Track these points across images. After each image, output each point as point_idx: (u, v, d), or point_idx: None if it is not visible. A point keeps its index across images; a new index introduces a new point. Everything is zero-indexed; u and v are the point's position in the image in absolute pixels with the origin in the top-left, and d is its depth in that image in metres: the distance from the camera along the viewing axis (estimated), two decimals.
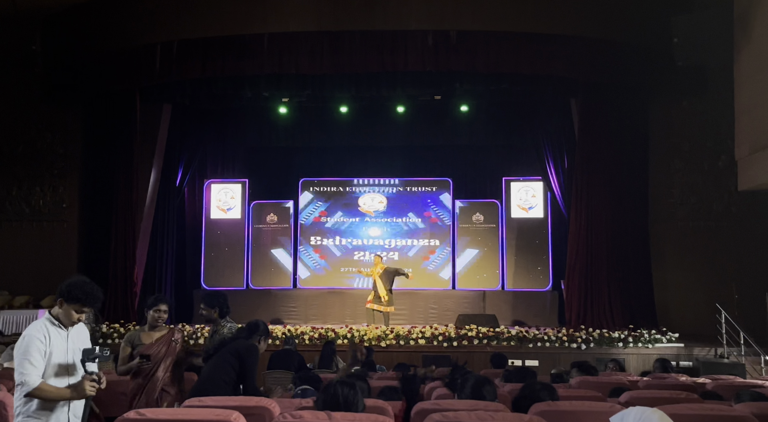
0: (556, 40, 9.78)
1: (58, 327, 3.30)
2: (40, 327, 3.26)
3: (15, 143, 11.57)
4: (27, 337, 3.21)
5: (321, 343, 8.81)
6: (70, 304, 3.28)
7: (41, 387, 3.15)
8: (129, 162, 10.95)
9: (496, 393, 3.54)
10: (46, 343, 3.22)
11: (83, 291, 3.28)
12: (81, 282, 3.32)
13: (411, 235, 13.06)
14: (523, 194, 12.91)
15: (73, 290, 3.27)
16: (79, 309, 3.31)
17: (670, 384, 5.17)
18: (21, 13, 9.94)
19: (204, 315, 5.19)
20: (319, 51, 9.80)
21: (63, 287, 3.29)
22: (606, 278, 10.65)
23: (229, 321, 5.13)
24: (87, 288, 3.30)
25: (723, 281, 10.58)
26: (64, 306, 3.29)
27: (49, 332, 3.26)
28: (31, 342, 3.20)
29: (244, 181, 13.33)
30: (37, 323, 3.30)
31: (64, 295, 3.28)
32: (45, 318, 3.33)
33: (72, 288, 3.27)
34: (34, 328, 3.27)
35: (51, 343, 3.24)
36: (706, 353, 9.48)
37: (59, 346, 3.28)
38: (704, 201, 11.22)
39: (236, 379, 4.20)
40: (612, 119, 10.86)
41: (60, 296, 3.30)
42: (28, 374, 3.14)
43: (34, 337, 3.21)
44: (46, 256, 11.45)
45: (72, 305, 3.28)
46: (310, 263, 13.05)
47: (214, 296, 5.10)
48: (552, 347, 9.51)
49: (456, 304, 12.30)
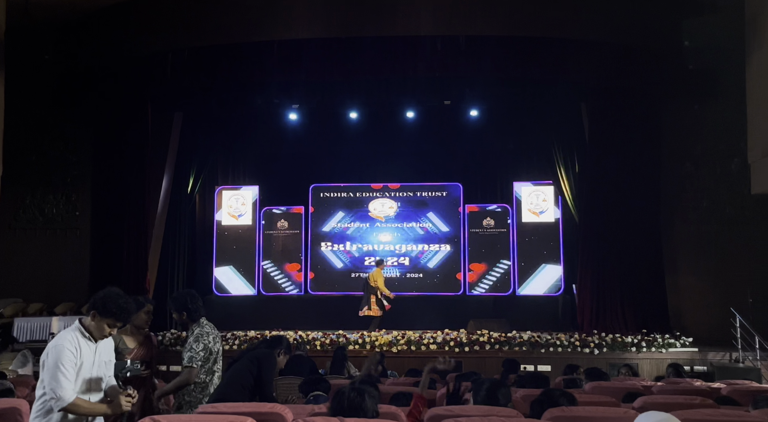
0: (566, 44, 9.77)
1: (88, 339, 3.22)
2: (72, 339, 3.17)
3: (28, 152, 11.68)
4: (58, 348, 3.11)
5: (332, 349, 8.81)
6: (103, 318, 3.20)
7: (76, 402, 3.06)
8: (141, 169, 11.02)
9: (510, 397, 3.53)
10: (77, 355, 3.14)
11: (118, 306, 3.21)
12: (116, 296, 3.23)
13: (421, 240, 13.05)
14: (534, 199, 12.88)
15: (108, 304, 3.19)
16: (113, 324, 3.23)
17: (684, 389, 5.13)
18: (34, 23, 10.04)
19: (176, 319, 4.50)
20: (328, 58, 9.84)
21: (97, 301, 3.21)
22: (618, 282, 10.58)
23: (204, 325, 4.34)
24: (121, 302, 3.22)
25: (737, 285, 10.49)
26: (97, 319, 3.21)
27: (80, 344, 3.17)
28: (63, 354, 3.10)
29: (255, 187, 13.38)
30: (68, 333, 3.21)
31: (99, 309, 3.20)
32: (75, 328, 3.24)
33: (107, 302, 3.19)
34: (65, 339, 3.17)
35: (81, 355, 3.16)
36: (721, 357, 9.39)
37: (88, 359, 3.20)
38: (717, 205, 11.14)
39: (254, 386, 4.20)
40: (623, 123, 10.81)
41: (93, 308, 3.22)
42: (63, 388, 3.04)
43: (66, 349, 3.11)
44: (59, 263, 11.54)
45: (105, 320, 3.20)
46: (321, 268, 13.06)
47: (177, 298, 4.36)
48: (564, 352, 9.46)
49: (467, 309, 12.26)
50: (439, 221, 13.07)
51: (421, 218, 13.11)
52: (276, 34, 9.82)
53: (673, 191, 11.23)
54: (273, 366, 4.35)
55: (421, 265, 12.94)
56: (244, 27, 9.91)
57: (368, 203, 13.21)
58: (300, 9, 9.84)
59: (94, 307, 3.22)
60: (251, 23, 9.87)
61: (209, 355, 4.26)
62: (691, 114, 11.15)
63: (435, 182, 13.23)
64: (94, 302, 3.22)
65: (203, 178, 12.89)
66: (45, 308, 10.98)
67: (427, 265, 12.95)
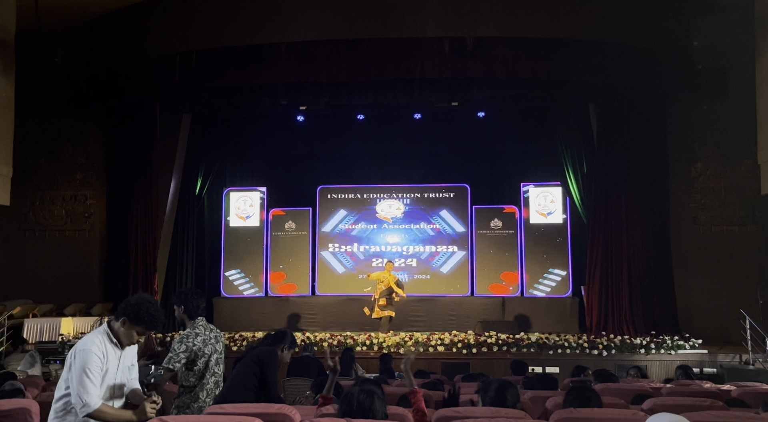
0: (574, 44, 9.74)
1: (115, 345, 3.16)
2: (100, 343, 3.10)
3: (38, 154, 11.76)
4: (86, 352, 3.05)
5: (340, 350, 8.81)
6: (134, 325, 3.14)
7: (102, 408, 3.01)
8: (149, 171, 11.07)
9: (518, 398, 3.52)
10: (104, 361, 3.08)
11: (150, 314, 3.14)
12: (147, 303, 3.16)
13: (428, 241, 13.04)
14: (541, 200, 12.84)
15: (140, 312, 3.12)
16: (143, 331, 3.18)
17: (694, 391, 5.10)
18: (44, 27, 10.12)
19: (177, 317, 4.33)
20: (336, 59, 9.86)
21: (129, 308, 3.14)
22: (627, 283, 10.53)
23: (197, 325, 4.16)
24: (153, 311, 3.16)
25: (747, 286, 10.41)
26: (127, 326, 3.14)
27: (107, 349, 3.11)
28: (91, 359, 3.03)
29: (262, 189, 13.41)
30: (95, 337, 3.14)
31: (130, 316, 3.12)
32: (103, 332, 3.17)
33: (139, 310, 3.12)
34: (92, 343, 3.10)
35: (107, 361, 3.10)
36: (731, 359, 9.33)
37: (113, 365, 3.14)
38: (726, 205, 11.08)
39: (258, 386, 4.15)
40: (631, 124, 10.76)
41: (125, 315, 3.14)
42: (90, 394, 2.98)
43: (93, 353, 3.05)
44: (69, 265, 11.61)
45: (136, 327, 3.14)
46: (328, 270, 13.08)
47: (181, 293, 4.26)
48: (573, 353, 9.42)
49: (475, 311, 12.23)
50: (446, 222, 13.05)
51: (429, 219, 13.09)
52: (284, 37, 9.86)
53: (682, 191, 11.17)
54: (275, 364, 4.27)
55: (429, 266, 12.93)
56: (252, 29, 9.95)
57: (375, 204, 13.22)
58: (308, 11, 9.87)
59: (126, 314, 3.14)
60: (259, 25, 9.91)
61: (194, 357, 4.07)
62: (700, 114, 11.08)
63: (442, 183, 13.22)
64: (125, 309, 3.14)
65: (211, 179, 12.94)
66: (55, 309, 11.04)
67: (435, 266, 12.93)
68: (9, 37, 9.48)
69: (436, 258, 12.97)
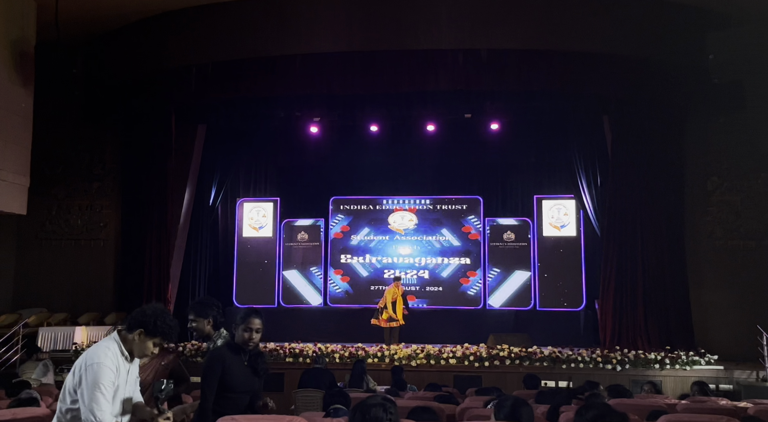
0: (588, 57, 9.72)
1: (125, 358, 3.03)
2: (112, 357, 2.95)
3: (55, 164, 11.90)
4: (99, 366, 2.89)
5: (351, 362, 8.79)
6: (150, 337, 3.01)
7: None
8: (164, 181, 11.16)
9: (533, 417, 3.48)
10: (117, 376, 2.95)
11: (167, 325, 3.03)
12: (163, 314, 3.05)
13: (441, 253, 13.01)
14: (555, 212, 12.79)
15: (158, 322, 2.99)
16: (159, 343, 3.05)
17: (709, 408, 5.03)
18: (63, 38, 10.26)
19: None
20: (350, 71, 9.90)
21: (146, 319, 3.00)
22: (641, 297, 10.43)
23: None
24: (169, 321, 3.05)
25: (764, 302, 10.27)
26: (142, 337, 3.01)
27: (119, 363, 2.98)
28: (104, 373, 2.88)
29: (275, 199, 13.47)
30: (106, 349, 2.98)
31: (148, 327, 2.99)
32: (113, 343, 3.02)
33: (157, 320, 2.99)
34: (105, 356, 2.94)
35: (119, 376, 2.97)
36: (747, 376, 9.19)
37: (123, 379, 3.01)
38: (743, 220, 10.95)
39: None
40: (646, 137, 10.71)
41: (141, 326, 3.00)
42: (103, 411, 2.84)
43: (107, 367, 2.90)
44: (84, 274, 11.70)
45: (153, 339, 3.02)
46: (340, 281, 13.08)
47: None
48: (586, 368, 9.33)
49: (487, 323, 12.16)
50: (458, 234, 13.02)
51: (441, 231, 13.07)
52: (298, 49, 9.93)
53: (698, 205, 11.06)
54: (209, 371, 3.48)
55: (441, 278, 12.89)
56: (267, 41, 10.03)
57: (388, 215, 13.22)
58: (322, 24, 9.94)
59: (143, 325, 3.00)
60: (274, 37, 9.99)
61: None
62: (717, 128, 10.99)
63: (455, 195, 13.21)
64: (142, 320, 3.01)
65: (225, 190, 13.02)
66: (69, 318, 11.12)
67: (447, 278, 12.89)
68: (29, 49, 9.64)
69: (447, 270, 12.93)
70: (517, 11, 9.77)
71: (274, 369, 9.60)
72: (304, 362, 9.54)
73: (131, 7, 10.26)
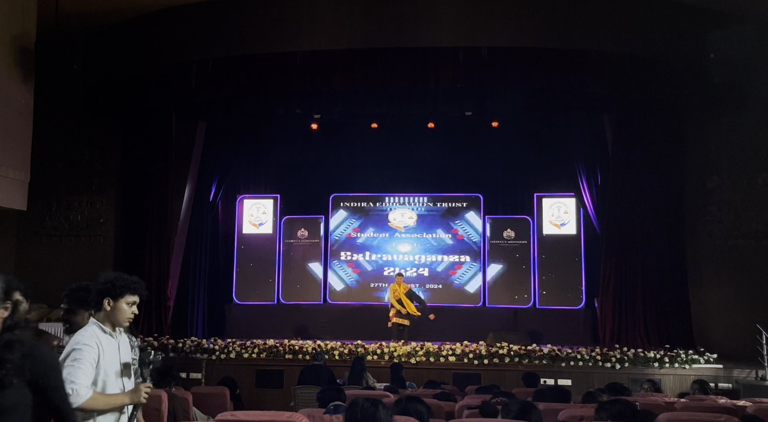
0: (589, 55, 9.72)
1: (109, 335, 3.09)
2: (91, 334, 3.03)
3: (55, 160, 11.88)
4: (78, 343, 2.97)
5: (351, 359, 8.80)
6: (118, 299, 3.05)
7: (94, 396, 2.91)
8: (164, 178, 11.17)
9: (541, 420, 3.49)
10: (99, 349, 3.00)
11: (125, 279, 3.07)
12: (117, 274, 3.10)
13: (441, 251, 13.02)
14: (555, 211, 12.79)
15: (117, 282, 3.05)
16: (130, 301, 3.08)
17: (708, 407, 5.04)
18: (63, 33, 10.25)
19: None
20: (350, 68, 9.90)
21: (102, 287, 3.06)
22: (641, 296, 10.44)
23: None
24: (126, 277, 3.09)
25: (763, 301, 10.28)
26: (113, 304, 3.06)
27: (101, 340, 3.04)
28: (80, 350, 2.94)
29: (275, 196, 13.47)
30: (83, 331, 3.07)
31: (109, 292, 3.04)
32: (91, 325, 3.08)
33: (116, 282, 3.05)
34: (84, 336, 3.02)
35: (104, 352, 3.02)
36: (747, 375, 9.20)
37: (112, 355, 3.07)
38: (743, 219, 10.95)
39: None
40: (646, 135, 10.71)
41: (103, 296, 3.05)
42: (78, 383, 2.86)
43: (83, 344, 2.96)
44: (84, 270, 11.67)
45: (122, 299, 3.06)
46: (341, 278, 13.09)
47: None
48: (585, 366, 9.34)
49: (487, 321, 12.18)
50: (459, 231, 13.02)
51: (441, 228, 13.07)
52: (299, 46, 9.92)
53: (698, 204, 11.06)
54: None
55: (440, 276, 12.90)
56: (268, 38, 10.02)
57: (388, 213, 13.22)
58: (323, 21, 9.93)
59: (106, 293, 3.04)
60: (275, 34, 9.98)
61: None
62: (717, 127, 10.99)
63: (455, 192, 13.21)
64: (101, 291, 3.05)
65: (225, 186, 13.02)
66: None
67: (447, 275, 12.90)
68: (29, 44, 9.62)
69: (447, 267, 12.93)
70: (518, 9, 9.76)
71: (274, 366, 9.63)
72: (303, 359, 9.55)
73: (132, 4, 10.24)
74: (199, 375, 9.43)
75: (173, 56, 10.46)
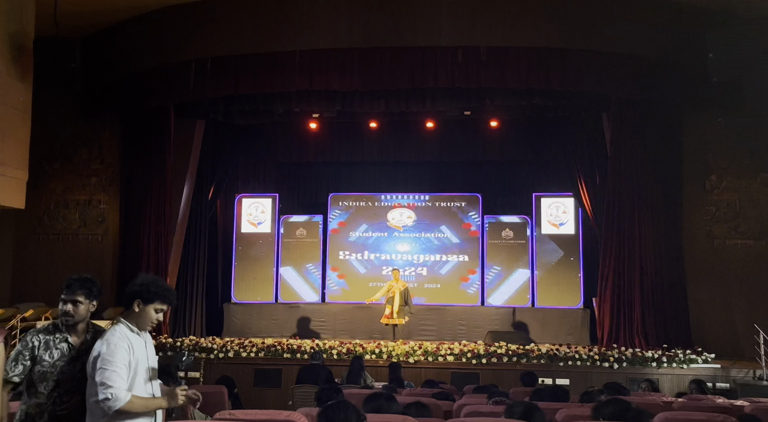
0: (588, 55, 9.72)
1: (137, 334, 3.10)
2: (120, 336, 3.02)
3: (53, 159, 11.87)
4: (110, 344, 2.96)
5: (349, 358, 8.80)
6: (148, 304, 3.08)
7: (132, 400, 2.92)
8: (162, 177, 11.15)
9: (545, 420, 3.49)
10: (131, 351, 3.01)
11: (162, 288, 3.10)
12: (153, 279, 3.13)
13: (439, 250, 13.01)
14: (553, 210, 12.79)
15: (152, 287, 3.08)
16: (159, 308, 3.11)
17: (706, 406, 5.04)
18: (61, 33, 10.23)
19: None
20: (349, 67, 9.90)
21: (136, 289, 3.09)
22: (639, 296, 10.45)
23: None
24: (161, 283, 3.13)
25: (761, 301, 10.30)
26: (142, 307, 3.09)
27: (131, 340, 3.05)
28: (113, 352, 2.93)
29: (274, 195, 13.46)
30: (113, 331, 3.05)
31: (141, 295, 3.08)
32: (119, 325, 3.09)
33: (151, 287, 3.08)
34: (114, 336, 3.01)
35: (134, 352, 3.03)
36: (744, 374, 9.21)
37: (141, 355, 3.08)
38: (741, 219, 10.96)
39: None
40: (645, 135, 10.71)
41: (135, 298, 3.09)
42: (114, 387, 2.87)
43: (115, 345, 2.96)
44: (82, 269, 11.50)
45: (151, 305, 3.09)
46: (338, 277, 13.08)
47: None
48: (583, 366, 9.35)
49: (485, 321, 12.19)
50: (457, 231, 13.02)
51: (440, 227, 13.07)
52: (298, 45, 9.92)
53: (696, 204, 11.06)
54: None
55: (439, 275, 12.90)
56: (267, 37, 10.02)
57: (386, 212, 13.22)
58: (322, 19, 9.93)
59: (135, 296, 3.08)
60: (273, 33, 9.98)
61: None
62: (715, 127, 10.99)
63: (454, 192, 13.21)
64: (134, 292, 3.09)
65: (224, 185, 13.02)
66: None
67: (445, 275, 12.89)
68: (28, 43, 9.60)
69: (446, 267, 12.93)
70: (517, 9, 9.77)
71: (273, 365, 9.63)
72: (301, 358, 9.55)
73: (130, 2, 10.23)
74: (198, 374, 9.43)
75: (172, 55, 10.46)
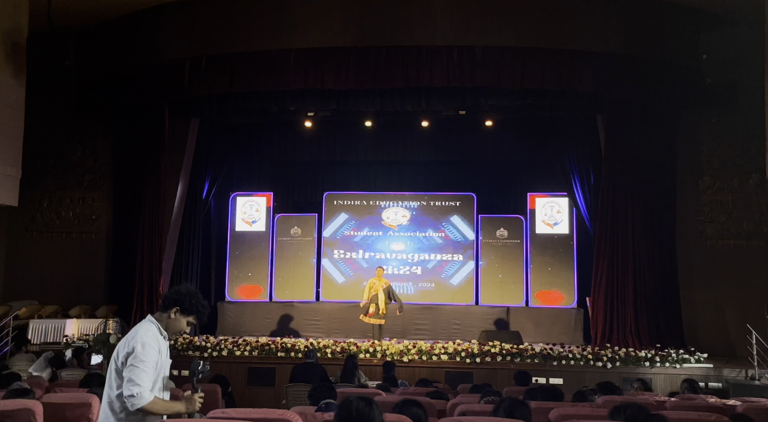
0: (583, 56, 9.75)
1: (164, 337, 3.16)
2: (153, 336, 3.08)
3: (47, 156, 11.83)
4: (141, 345, 3.01)
5: (343, 357, 8.80)
6: (185, 315, 3.15)
7: (154, 400, 2.98)
8: (157, 175, 11.12)
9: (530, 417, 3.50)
10: (159, 354, 3.08)
11: (201, 303, 3.19)
12: (197, 294, 3.20)
13: (434, 249, 13.02)
14: (548, 210, 12.82)
15: (193, 300, 3.15)
16: (192, 321, 3.19)
17: (698, 406, 5.06)
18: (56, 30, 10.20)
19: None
20: (344, 66, 9.90)
21: (179, 297, 3.15)
22: (632, 296, 10.48)
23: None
24: (202, 300, 3.21)
25: (753, 301, 10.34)
26: (177, 316, 3.15)
27: (160, 342, 3.11)
28: (147, 351, 3.00)
29: (269, 194, 13.44)
30: (147, 330, 3.10)
31: (183, 305, 3.14)
32: (152, 324, 3.14)
33: (192, 299, 3.15)
34: (148, 336, 3.07)
35: (161, 354, 3.10)
36: (736, 374, 9.26)
37: (164, 358, 3.14)
38: (734, 220, 11.01)
39: None
40: (639, 135, 10.74)
41: (175, 305, 3.15)
42: (142, 386, 2.93)
43: (150, 346, 3.02)
44: (75, 267, 11.64)
45: (187, 316, 3.16)
46: (333, 276, 13.07)
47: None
48: (577, 365, 9.38)
49: (479, 320, 12.20)
50: (452, 230, 13.03)
51: (434, 227, 13.08)
52: (293, 44, 9.91)
53: (690, 204, 11.11)
54: None
55: (433, 274, 12.90)
56: (262, 35, 10.01)
57: (381, 211, 13.22)
58: (317, 19, 9.92)
59: (178, 303, 3.15)
60: (269, 32, 9.97)
61: None
62: (709, 127, 11.04)
63: (449, 191, 13.21)
64: (176, 299, 3.16)
65: (218, 184, 12.99)
66: (60, 311, 11.08)
67: (439, 274, 12.91)
68: (21, 40, 9.57)
69: (440, 266, 12.94)
70: (512, 9, 9.80)
71: (266, 364, 9.62)
72: (295, 357, 9.54)
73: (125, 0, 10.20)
74: None
75: (166, 53, 10.43)
